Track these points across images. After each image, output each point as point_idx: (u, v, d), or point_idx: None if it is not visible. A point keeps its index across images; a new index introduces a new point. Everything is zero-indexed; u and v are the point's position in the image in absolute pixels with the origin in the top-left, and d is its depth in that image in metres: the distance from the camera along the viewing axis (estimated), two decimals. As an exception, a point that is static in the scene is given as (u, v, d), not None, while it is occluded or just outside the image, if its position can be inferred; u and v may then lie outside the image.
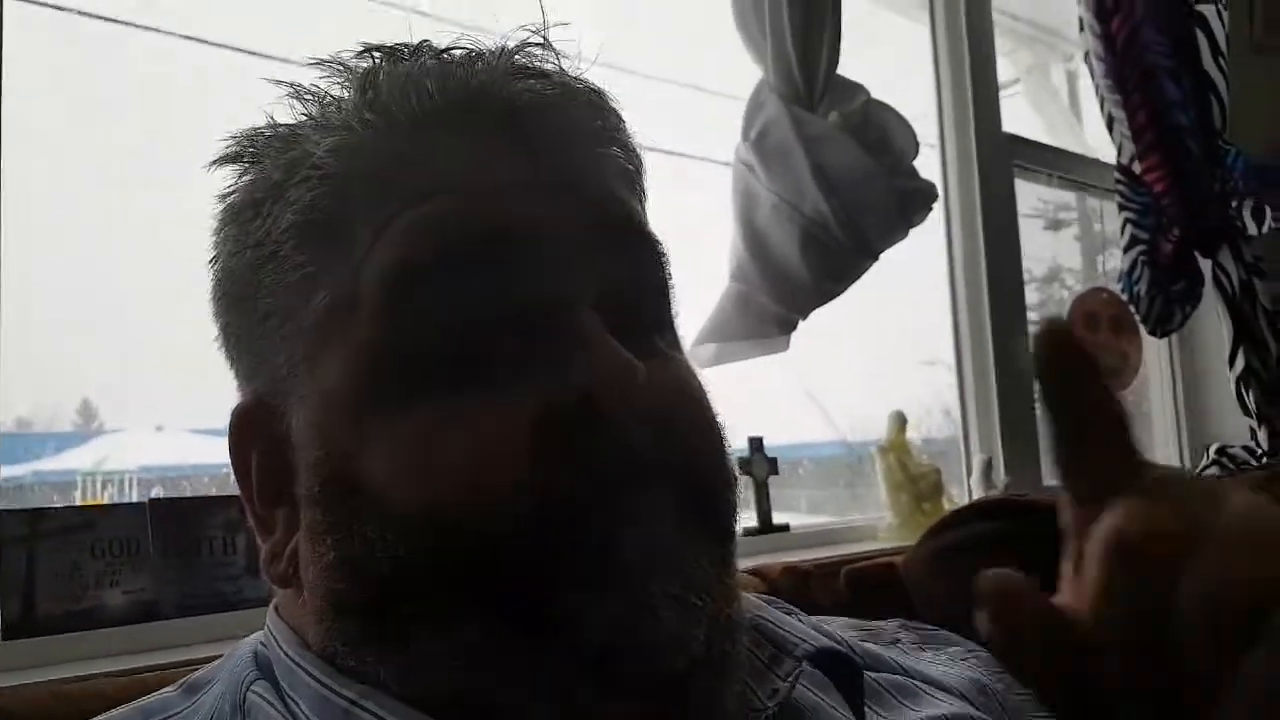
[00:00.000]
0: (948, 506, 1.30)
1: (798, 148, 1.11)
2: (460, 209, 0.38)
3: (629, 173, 0.45)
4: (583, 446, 0.36)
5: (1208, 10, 1.52)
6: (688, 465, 0.38)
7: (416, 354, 0.37)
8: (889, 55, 1.57)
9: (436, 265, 0.38)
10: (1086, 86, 1.83)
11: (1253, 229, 1.47)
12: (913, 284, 1.57)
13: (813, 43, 1.16)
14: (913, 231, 1.22)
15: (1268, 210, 1.44)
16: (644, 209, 0.46)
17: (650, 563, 0.35)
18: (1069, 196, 1.96)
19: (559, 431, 0.36)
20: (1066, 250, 2.02)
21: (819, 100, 1.16)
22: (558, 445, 0.36)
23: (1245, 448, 1.60)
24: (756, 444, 1.27)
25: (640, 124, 0.46)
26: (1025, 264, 1.62)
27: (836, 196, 1.10)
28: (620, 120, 0.45)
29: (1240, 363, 1.52)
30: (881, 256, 1.20)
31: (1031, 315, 1.67)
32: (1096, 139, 1.80)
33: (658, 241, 0.43)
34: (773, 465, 1.27)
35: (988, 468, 1.43)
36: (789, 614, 0.48)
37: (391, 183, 0.39)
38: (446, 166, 0.39)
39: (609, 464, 0.36)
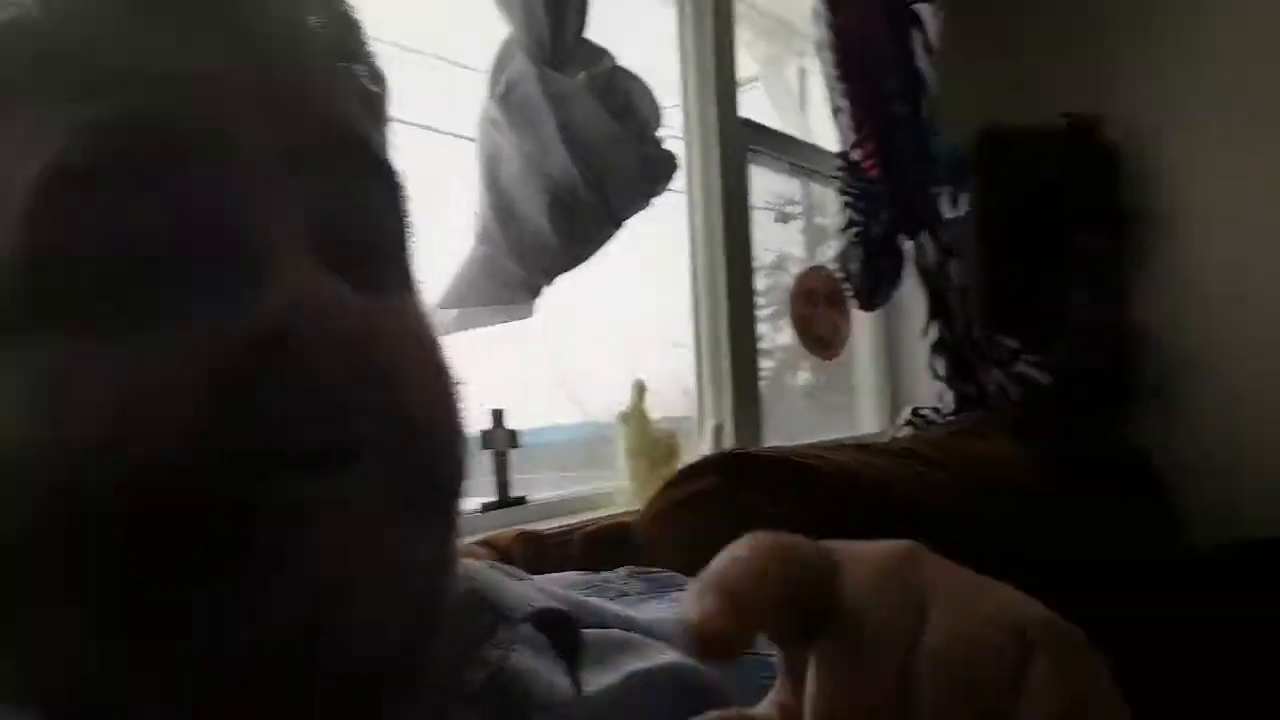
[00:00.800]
0: (681, 470, 1.35)
1: (545, 105, 1.09)
2: (139, 107, 0.31)
3: (368, 93, 0.39)
4: (262, 389, 0.30)
5: (922, 9, 1.67)
6: (401, 416, 0.33)
7: (61, 274, 0.30)
8: (638, 44, 1.59)
9: (99, 171, 0.31)
10: (815, 85, 1.96)
11: (949, 213, 1.65)
12: (658, 269, 1.61)
13: (561, 2, 1.14)
14: (659, 218, 1.23)
15: (960, 197, 1.62)
16: (384, 136, 0.40)
17: (339, 535, 0.30)
18: (797, 191, 2.09)
19: (232, 372, 0.29)
20: (792, 241, 2.16)
21: (566, 61, 1.15)
22: (230, 389, 0.29)
23: (934, 408, 1.81)
24: (498, 416, 1.23)
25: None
26: (756, 251, 1.71)
27: (583, 158, 1.10)
28: (361, 32, 0.39)
29: (933, 334, 1.71)
30: (630, 243, 1.20)
31: (760, 300, 1.76)
32: (821, 135, 1.92)
33: (394, 173, 0.37)
34: (513, 438, 1.24)
35: (718, 432, 1.51)
36: (509, 576, 0.44)
37: (63, 72, 0.32)
38: (132, 60, 0.32)
39: (295, 408, 0.30)
